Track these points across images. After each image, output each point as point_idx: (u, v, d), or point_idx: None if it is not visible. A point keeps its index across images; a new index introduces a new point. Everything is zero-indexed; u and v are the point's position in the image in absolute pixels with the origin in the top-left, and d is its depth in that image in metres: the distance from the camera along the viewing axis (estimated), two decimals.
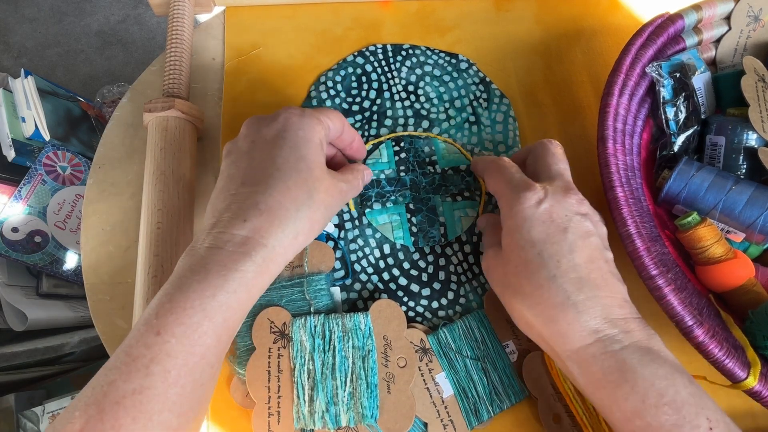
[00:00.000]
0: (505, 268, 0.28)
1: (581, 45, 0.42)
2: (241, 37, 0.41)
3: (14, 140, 0.75)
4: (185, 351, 0.22)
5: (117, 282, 0.34)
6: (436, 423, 0.30)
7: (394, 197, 0.35)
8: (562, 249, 0.26)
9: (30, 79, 0.79)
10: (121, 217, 0.35)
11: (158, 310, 0.23)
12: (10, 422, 0.67)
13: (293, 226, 0.26)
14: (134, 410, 0.21)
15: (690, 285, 0.31)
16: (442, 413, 0.30)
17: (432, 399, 0.30)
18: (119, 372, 0.21)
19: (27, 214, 0.74)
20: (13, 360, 0.69)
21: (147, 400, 0.21)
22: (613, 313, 0.25)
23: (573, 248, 0.26)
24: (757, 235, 0.31)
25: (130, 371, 0.21)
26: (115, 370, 0.22)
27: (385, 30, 0.42)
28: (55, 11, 1.31)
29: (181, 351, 0.22)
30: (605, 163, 0.31)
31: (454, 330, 0.32)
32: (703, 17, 0.36)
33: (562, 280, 0.25)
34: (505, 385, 0.31)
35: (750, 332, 0.30)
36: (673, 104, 0.35)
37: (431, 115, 0.39)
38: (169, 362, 0.22)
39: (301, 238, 0.27)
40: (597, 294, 0.25)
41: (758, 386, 0.26)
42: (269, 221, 0.25)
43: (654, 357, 0.24)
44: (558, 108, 0.40)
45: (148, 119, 0.34)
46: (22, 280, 0.76)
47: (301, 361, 0.29)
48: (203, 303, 0.23)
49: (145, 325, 0.22)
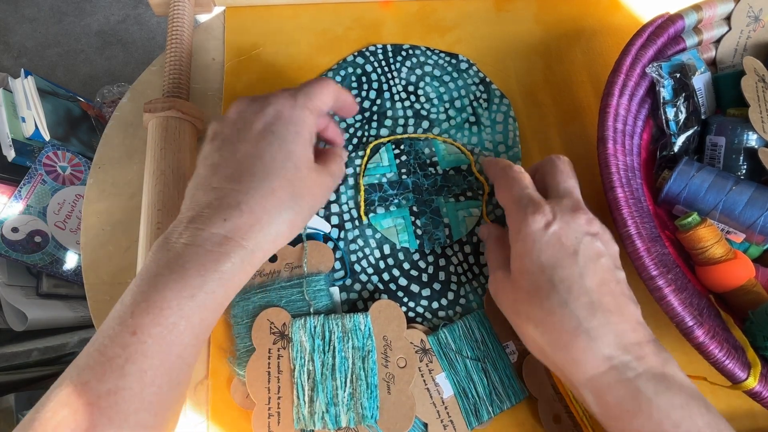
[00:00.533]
0: (515, 294, 0.27)
1: (581, 45, 0.42)
2: (241, 37, 0.41)
3: (14, 140, 0.75)
4: (162, 351, 0.22)
5: (117, 282, 0.34)
6: (436, 423, 0.30)
7: (397, 200, 0.35)
8: (573, 273, 0.25)
9: (30, 79, 0.79)
10: (121, 217, 0.35)
11: (134, 308, 0.22)
12: (10, 422, 0.67)
13: (275, 229, 0.25)
14: (110, 411, 0.20)
15: (690, 285, 0.30)
16: (442, 414, 0.30)
17: (432, 399, 0.30)
18: (93, 372, 0.21)
19: (27, 214, 0.74)
20: (13, 360, 0.69)
21: (123, 400, 0.21)
22: (626, 338, 0.24)
23: (584, 272, 0.25)
24: (757, 235, 0.31)
25: (104, 371, 0.21)
26: (89, 370, 0.21)
27: (385, 30, 0.42)
28: (55, 11, 1.31)
29: (157, 351, 0.22)
30: (605, 164, 0.31)
31: (454, 330, 0.32)
32: (703, 17, 0.36)
33: (573, 306, 0.25)
34: (505, 386, 0.31)
35: (750, 333, 0.30)
36: (673, 104, 0.35)
37: (431, 115, 0.39)
38: (146, 363, 0.21)
39: (281, 239, 0.26)
40: (610, 319, 0.25)
41: (758, 387, 0.26)
42: (250, 223, 0.24)
43: (669, 384, 0.23)
44: (558, 108, 0.40)
45: (148, 119, 0.34)
46: (22, 280, 0.76)
47: (301, 362, 0.29)
48: (180, 303, 0.22)
49: (120, 324, 0.22)
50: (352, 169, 0.36)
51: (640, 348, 0.24)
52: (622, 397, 0.23)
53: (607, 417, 0.24)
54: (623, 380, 0.24)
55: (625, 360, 0.24)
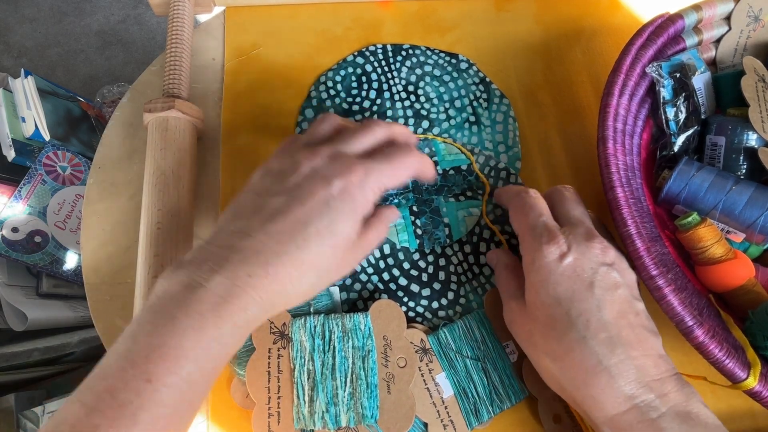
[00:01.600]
0: (531, 326, 0.27)
1: (581, 45, 0.42)
2: (241, 37, 0.41)
3: (14, 140, 0.75)
4: (175, 400, 0.21)
5: (117, 282, 0.34)
6: (436, 423, 0.30)
7: (397, 200, 0.35)
8: (591, 306, 0.25)
9: (30, 79, 0.79)
10: (121, 217, 0.35)
11: (149, 352, 0.21)
12: (10, 422, 0.67)
13: (294, 292, 0.25)
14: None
15: (690, 285, 0.30)
16: (442, 413, 0.30)
17: (432, 399, 0.30)
18: (104, 416, 0.20)
19: (27, 214, 0.74)
20: (13, 360, 0.69)
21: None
22: (648, 375, 0.24)
23: (601, 305, 0.25)
24: (757, 235, 0.31)
25: (116, 417, 0.20)
26: (99, 413, 0.20)
27: (385, 30, 0.42)
28: (55, 11, 1.31)
29: (171, 401, 0.21)
30: (605, 164, 0.31)
31: (454, 330, 0.32)
32: (703, 17, 0.36)
33: (593, 342, 0.24)
34: (505, 385, 0.31)
35: (750, 332, 0.30)
36: (673, 104, 0.35)
37: (431, 115, 0.39)
38: (159, 411, 0.21)
39: (297, 300, 0.26)
40: (630, 354, 0.24)
41: (758, 386, 0.26)
42: (272, 288, 0.24)
43: (693, 424, 0.23)
44: (558, 108, 0.40)
45: (148, 119, 0.34)
46: (22, 280, 0.76)
47: (301, 362, 0.29)
48: (197, 354, 0.22)
49: (132, 366, 0.21)
50: None
51: (663, 385, 0.24)
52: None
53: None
54: (646, 420, 0.23)
55: (647, 399, 0.23)
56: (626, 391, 0.24)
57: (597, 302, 0.25)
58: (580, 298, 0.25)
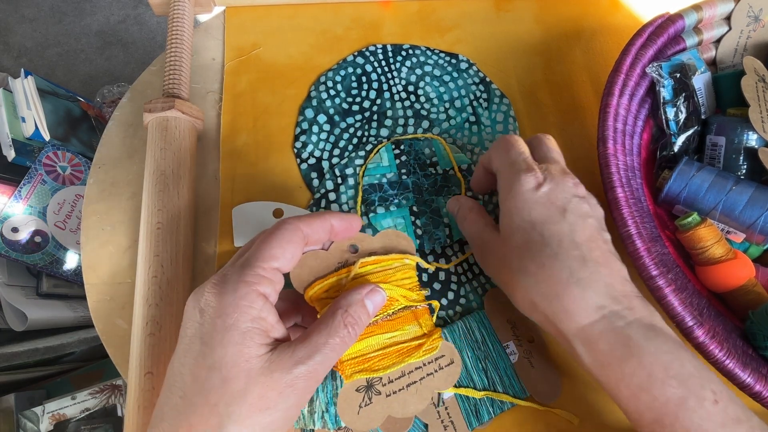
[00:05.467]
0: (505, 250, 0.28)
1: (581, 45, 0.42)
2: (241, 37, 0.41)
3: (14, 140, 0.75)
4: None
5: (117, 282, 0.34)
6: (437, 424, 0.30)
7: (397, 200, 0.35)
8: (563, 229, 0.26)
9: (30, 79, 0.79)
10: (121, 217, 0.35)
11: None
12: (10, 422, 0.67)
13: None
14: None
15: (690, 285, 0.30)
16: (443, 414, 0.30)
17: (432, 399, 0.30)
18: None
19: (27, 214, 0.74)
20: (13, 360, 0.69)
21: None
22: (616, 290, 0.25)
23: (573, 228, 0.26)
24: (757, 235, 0.31)
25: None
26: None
27: (385, 30, 0.42)
28: (55, 11, 1.31)
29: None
30: (605, 164, 0.31)
31: (455, 330, 0.32)
32: (703, 17, 0.36)
33: (565, 258, 0.26)
34: (505, 386, 0.31)
35: (750, 332, 0.30)
36: (674, 104, 0.35)
37: (431, 115, 0.39)
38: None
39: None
40: (599, 271, 0.25)
41: (759, 387, 0.26)
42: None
43: (658, 332, 0.24)
44: (558, 108, 0.40)
45: (148, 119, 0.34)
46: (22, 280, 0.76)
47: None
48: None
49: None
50: (352, 169, 0.36)
51: (629, 300, 0.25)
52: (613, 344, 0.24)
53: (599, 365, 0.25)
54: (614, 328, 0.24)
55: (615, 309, 0.25)
56: (596, 301, 0.25)
57: (569, 226, 0.26)
58: (553, 221, 0.27)
